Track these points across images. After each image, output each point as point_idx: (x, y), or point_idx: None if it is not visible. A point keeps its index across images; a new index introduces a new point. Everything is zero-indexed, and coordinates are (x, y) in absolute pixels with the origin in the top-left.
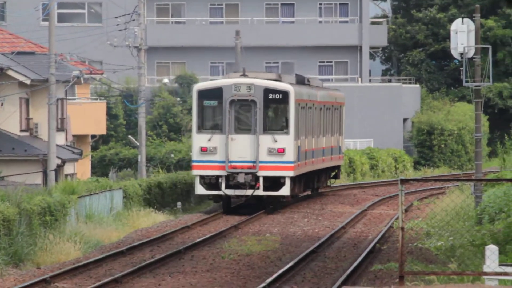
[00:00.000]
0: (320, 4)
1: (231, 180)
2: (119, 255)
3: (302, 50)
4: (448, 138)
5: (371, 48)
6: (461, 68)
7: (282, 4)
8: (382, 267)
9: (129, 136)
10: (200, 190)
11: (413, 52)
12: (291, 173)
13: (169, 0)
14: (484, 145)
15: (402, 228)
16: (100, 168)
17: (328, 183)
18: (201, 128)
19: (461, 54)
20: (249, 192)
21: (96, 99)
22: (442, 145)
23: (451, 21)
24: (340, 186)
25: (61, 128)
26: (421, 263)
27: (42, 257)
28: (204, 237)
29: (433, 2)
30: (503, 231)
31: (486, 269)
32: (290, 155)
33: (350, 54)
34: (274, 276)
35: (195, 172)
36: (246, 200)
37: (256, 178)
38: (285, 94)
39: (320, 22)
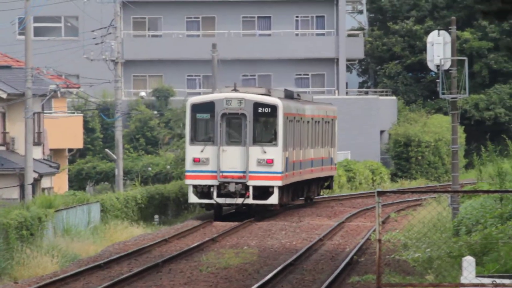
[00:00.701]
0: (297, 16)
1: (222, 189)
2: (96, 269)
3: (279, 62)
4: (425, 150)
5: (348, 60)
6: (437, 80)
7: (258, 17)
8: (360, 279)
9: (106, 150)
10: (193, 198)
11: (390, 65)
12: (279, 183)
13: (146, 13)
14: (461, 156)
15: (379, 240)
16: (77, 181)
17: (322, 193)
18: (194, 140)
19: (438, 66)
20: (239, 200)
21: (73, 113)
22: (419, 157)
23: (427, 33)
24: (318, 198)
25: (38, 142)
26: (399, 275)
27: (20, 272)
28: (181, 250)
29: (409, 15)
30: (480, 243)
31: (463, 280)
32: (278, 166)
33: (326, 67)
34: None
35: (188, 181)
36: (237, 208)
37: (246, 188)
38: (274, 108)
39: (297, 34)
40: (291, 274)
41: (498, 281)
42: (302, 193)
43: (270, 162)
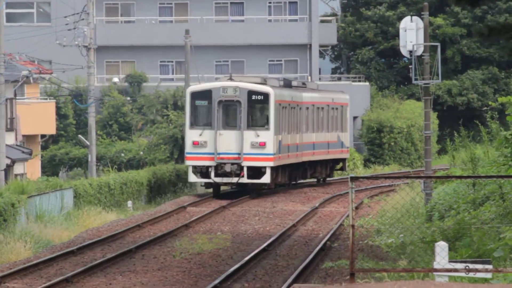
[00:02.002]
0: (270, 2)
1: (219, 170)
2: (69, 255)
3: (252, 48)
4: (397, 136)
5: (321, 46)
6: (410, 66)
7: (231, 3)
8: (333, 265)
9: (79, 136)
10: (192, 178)
11: (363, 50)
12: (271, 164)
13: None
14: (434, 142)
15: (353, 226)
16: (50, 167)
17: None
18: (193, 124)
19: (410, 52)
20: (234, 180)
21: (46, 99)
22: (392, 143)
23: (400, 19)
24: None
25: (11, 128)
26: (372, 260)
27: None
28: (155, 236)
29: (382, 0)
30: (452, 228)
31: (436, 265)
32: (270, 148)
33: (299, 53)
34: (225, 274)
35: (188, 162)
36: (232, 187)
37: (241, 168)
38: (266, 95)
39: (270, 20)
40: (264, 259)
41: (471, 266)
42: (306, 175)
43: (262, 145)
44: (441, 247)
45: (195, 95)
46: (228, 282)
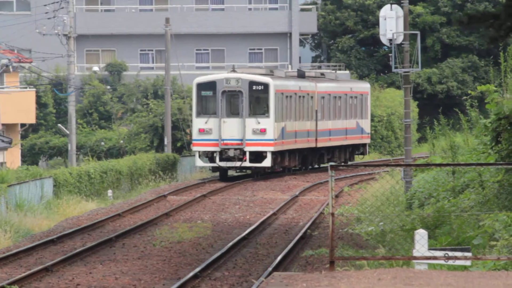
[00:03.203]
0: None
1: (223, 154)
2: (49, 244)
3: (232, 37)
4: (377, 124)
5: (301, 35)
6: (390, 54)
7: None
8: (313, 253)
9: (59, 125)
10: (199, 162)
11: (343, 39)
12: (271, 149)
13: None
14: (414, 130)
15: (332, 214)
16: (30, 156)
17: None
18: (200, 113)
19: (390, 40)
20: (238, 164)
21: (26, 88)
22: (372, 131)
23: (380, 7)
24: (272, 172)
25: None
26: (352, 248)
27: None
28: (135, 225)
29: None
30: (432, 216)
31: (415, 253)
32: (270, 134)
33: (280, 41)
34: (205, 263)
35: (195, 148)
36: (236, 170)
37: (243, 153)
38: (266, 85)
39: (250, 9)
40: (245, 248)
41: (450, 253)
42: (322, 159)
43: (263, 131)
44: (421, 235)
45: (201, 86)
46: (209, 270)
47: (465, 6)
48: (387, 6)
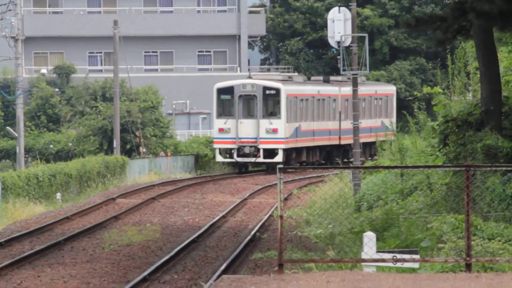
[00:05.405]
0: None
1: (240, 151)
2: None
3: (181, 39)
4: None
5: (250, 37)
6: (338, 57)
7: None
8: (262, 256)
9: (7, 127)
10: (219, 158)
11: (291, 41)
12: (283, 146)
13: None
14: None
15: (281, 217)
16: None
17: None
18: (220, 114)
19: (338, 42)
20: (252, 159)
21: None
22: None
23: (328, 10)
24: (221, 175)
25: None
26: (301, 251)
27: None
28: (84, 228)
29: None
30: (381, 218)
31: (364, 256)
32: (281, 133)
33: (228, 44)
34: (154, 266)
35: (215, 145)
36: (251, 165)
37: (258, 150)
38: (278, 90)
39: (199, 11)
40: (194, 251)
41: (398, 256)
42: (347, 155)
43: (275, 131)
44: (369, 237)
45: (220, 91)
46: (158, 273)
47: (413, 8)
48: (335, 9)
